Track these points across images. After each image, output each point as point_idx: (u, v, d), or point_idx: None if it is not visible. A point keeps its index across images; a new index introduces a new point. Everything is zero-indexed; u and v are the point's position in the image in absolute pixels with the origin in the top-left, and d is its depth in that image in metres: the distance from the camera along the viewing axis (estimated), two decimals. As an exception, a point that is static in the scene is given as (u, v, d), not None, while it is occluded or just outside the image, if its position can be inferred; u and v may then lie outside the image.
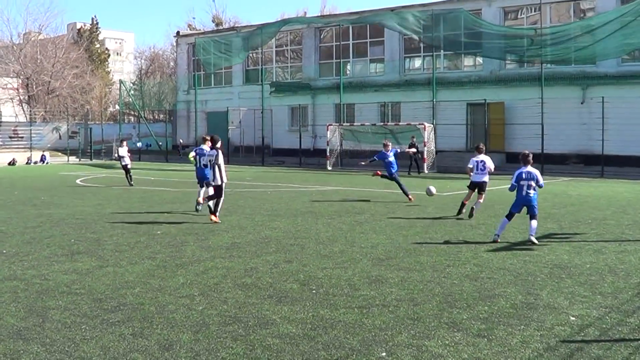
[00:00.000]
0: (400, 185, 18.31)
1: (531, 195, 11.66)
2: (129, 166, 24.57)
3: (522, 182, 11.68)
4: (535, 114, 32.22)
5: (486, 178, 15.36)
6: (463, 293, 8.08)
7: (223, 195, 14.64)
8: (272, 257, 10.42)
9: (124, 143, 25.52)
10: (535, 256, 10.40)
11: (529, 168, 11.79)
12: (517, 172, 11.83)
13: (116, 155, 25.32)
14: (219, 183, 14.59)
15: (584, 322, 6.90)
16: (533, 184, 11.65)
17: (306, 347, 6.15)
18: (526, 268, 9.51)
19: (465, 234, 12.77)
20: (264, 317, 7.11)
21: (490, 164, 15.27)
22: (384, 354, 5.98)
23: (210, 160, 14.87)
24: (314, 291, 8.20)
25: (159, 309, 7.42)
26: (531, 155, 11.96)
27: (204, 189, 16.35)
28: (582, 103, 33.96)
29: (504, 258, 10.26)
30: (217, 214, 14.55)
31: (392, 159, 18.26)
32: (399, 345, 6.21)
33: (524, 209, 11.83)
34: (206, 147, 16.14)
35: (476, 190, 15.44)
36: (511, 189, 11.91)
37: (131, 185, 24.04)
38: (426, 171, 31.84)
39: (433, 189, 17.83)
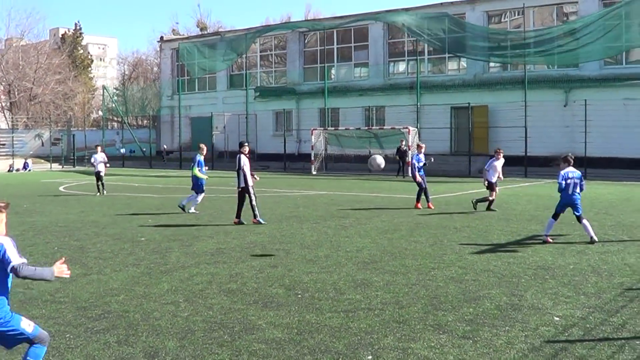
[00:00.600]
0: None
1: (577, 194, 11.90)
2: (101, 174, 23.06)
3: (568, 181, 11.89)
4: (518, 117, 32.46)
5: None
6: (448, 295, 8.11)
7: (253, 197, 14.95)
8: (257, 262, 10.40)
9: (99, 149, 24.09)
10: (519, 258, 10.46)
11: (571, 168, 12.00)
12: (562, 173, 11.96)
13: (91, 161, 24.42)
14: (242, 185, 14.91)
15: (568, 322, 6.95)
16: (578, 183, 11.87)
17: (292, 352, 6.14)
18: (510, 270, 9.56)
19: (450, 237, 12.82)
20: (249, 322, 7.09)
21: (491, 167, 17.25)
22: (369, 357, 5.99)
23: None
24: (299, 296, 8.20)
25: (144, 316, 7.37)
26: (573, 157, 12.26)
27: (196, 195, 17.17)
28: (565, 106, 34.26)
29: (488, 260, 10.31)
30: (257, 217, 14.86)
31: (419, 164, 18.04)
32: (384, 348, 6.22)
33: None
34: (201, 157, 17.43)
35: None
36: (560, 188, 12.00)
37: (100, 194, 22.66)
38: (410, 174, 31.84)
39: (379, 159, 17.40)
